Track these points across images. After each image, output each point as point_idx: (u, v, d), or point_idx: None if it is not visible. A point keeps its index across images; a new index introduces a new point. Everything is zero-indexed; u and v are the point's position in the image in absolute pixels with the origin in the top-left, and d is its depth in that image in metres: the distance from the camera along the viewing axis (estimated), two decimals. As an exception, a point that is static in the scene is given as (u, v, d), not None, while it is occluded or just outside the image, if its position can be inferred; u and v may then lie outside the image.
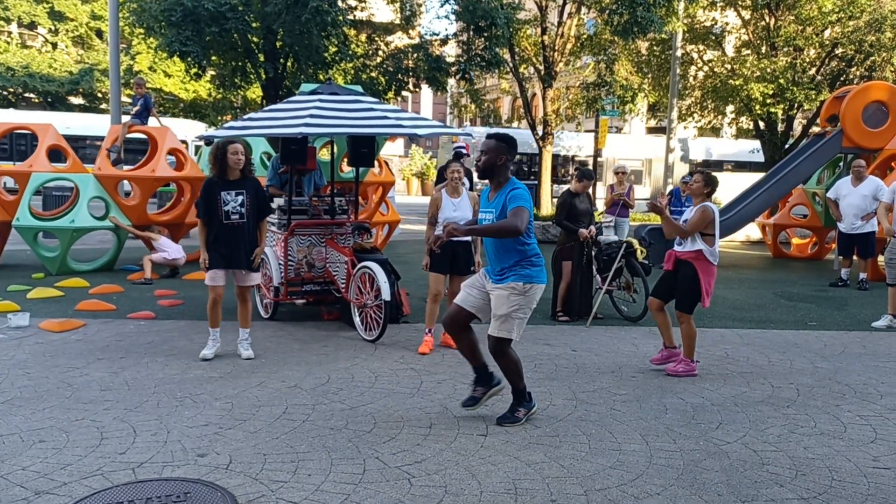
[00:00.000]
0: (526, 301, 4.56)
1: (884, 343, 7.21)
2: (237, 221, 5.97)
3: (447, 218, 6.39)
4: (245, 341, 6.18)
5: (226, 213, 5.93)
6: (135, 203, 10.88)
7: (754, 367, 6.24)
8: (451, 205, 6.48)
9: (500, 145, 4.55)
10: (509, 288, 4.53)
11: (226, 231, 5.96)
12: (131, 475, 3.77)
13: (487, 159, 4.56)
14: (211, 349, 6.05)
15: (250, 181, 6.08)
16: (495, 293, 4.58)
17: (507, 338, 4.59)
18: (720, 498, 3.66)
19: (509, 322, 4.55)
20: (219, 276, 6.00)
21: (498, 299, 4.56)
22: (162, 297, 8.62)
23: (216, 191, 5.93)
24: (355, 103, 7.14)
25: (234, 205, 5.95)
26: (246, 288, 6.18)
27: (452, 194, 6.53)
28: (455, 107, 25.45)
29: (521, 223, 4.34)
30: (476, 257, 6.64)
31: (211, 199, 5.93)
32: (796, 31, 17.41)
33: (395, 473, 3.86)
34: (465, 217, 6.47)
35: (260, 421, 4.60)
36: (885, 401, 5.33)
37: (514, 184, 4.54)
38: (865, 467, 4.09)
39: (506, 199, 4.47)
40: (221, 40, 14.29)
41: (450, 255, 6.45)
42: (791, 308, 9.00)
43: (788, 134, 19.43)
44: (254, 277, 6.20)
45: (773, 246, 14.53)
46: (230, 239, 5.97)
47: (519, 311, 4.55)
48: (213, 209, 5.93)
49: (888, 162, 12.17)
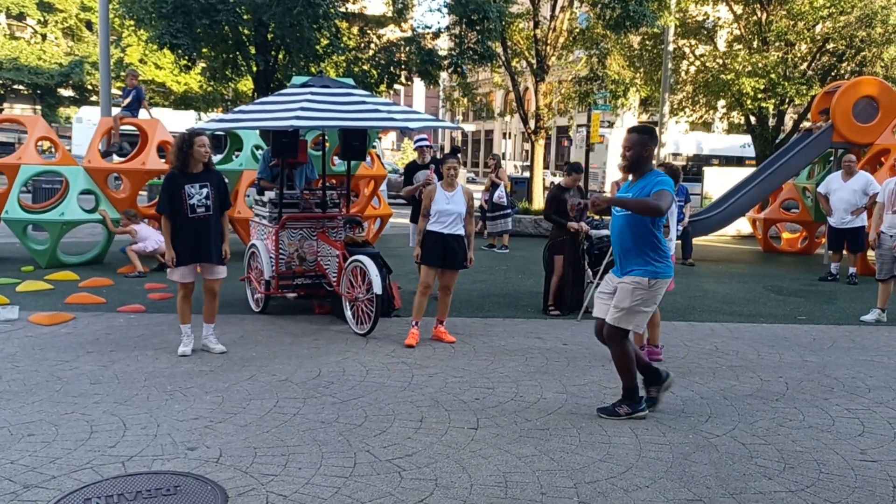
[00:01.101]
0: (650, 295, 4.59)
1: (872, 337, 7.26)
2: (203, 214, 5.84)
3: (439, 210, 6.43)
4: (212, 336, 6.10)
5: (191, 206, 5.79)
6: (125, 196, 10.82)
7: (743, 360, 6.27)
8: (445, 198, 6.48)
9: (643, 137, 4.59)
10: (634, 282, 4.55)
11: (192, 225, 5.82)
12: (121, 469, 3.76)
13: (634, 153, 4.58)
14: (188, 345, 5.98)
15: (213, 173, 5.96)
16: (620, 286, 4.61)
17: (625, 328, 4.60)
18: (709, 491, 3.68)
19: (632, 315, 4.58)
20: (189, 272, 5.92)
21: (622, 292, 4.59)
22: (152, 290, 8.59)
23: (179, 184, 5.78)
24: (347, 96, 7.12)
25: (200, 198, 5.82)
26: (214, 281, 6.06)
27: (447, 188, 6.55)
28: (447, 100, 25.39)
29: (664, 205, 4.37)
30: (469, 253, 6.63)
31: (174, 193, 5.78)
32: (788, 25, 17.43)
33: (385, 467, 3.87)
34: (458, 211, 6.49)
35: (250, 414, 4.60)
36: (873, 394, 5.37)
37: (659, 174, 4.59)
38: (853, 460, 4.12)
39: (650, 187, 4.49)
40: (212, 32, 14.19)
41: (443, 248, 6.45)
42: (781, 302, 9.04)
43: (779, 129, 19.46)
44: (220, 271, 6.06)
45: (763, 240, 14.59)
46: (197, 233, 5.84)
47: (643, 305, 4.58)
48: (177, 203, 5.79)
49: (878, 157, 12.23)
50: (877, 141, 12.17)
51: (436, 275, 6.60)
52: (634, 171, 4.62)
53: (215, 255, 5.96)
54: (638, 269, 4.55)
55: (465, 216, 6.55)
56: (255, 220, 7.99)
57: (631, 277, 4.56)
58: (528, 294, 8.98)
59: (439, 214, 6.45)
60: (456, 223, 6.49)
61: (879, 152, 12.16)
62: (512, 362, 5.99)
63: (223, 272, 6.12)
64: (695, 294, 9.39)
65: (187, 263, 5.90)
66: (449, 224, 6.46)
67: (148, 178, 11.30)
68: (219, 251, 5.99)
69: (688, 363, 6.09)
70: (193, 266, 5.95)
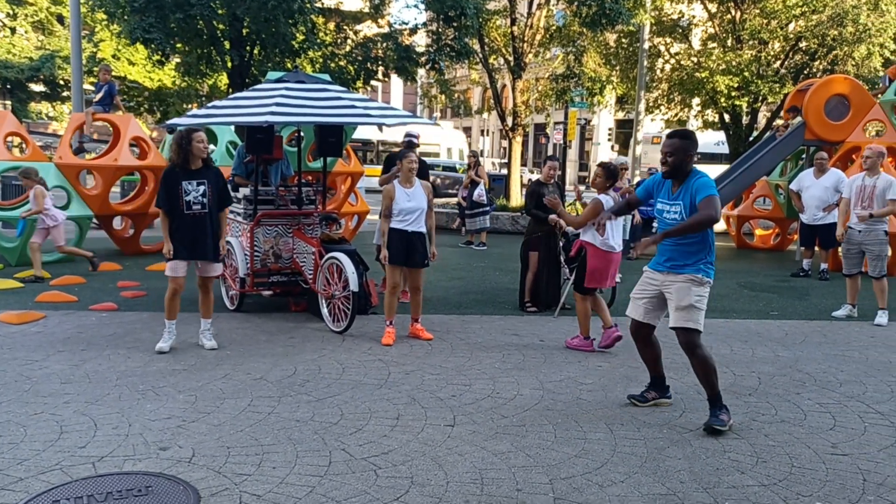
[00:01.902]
0: (706, 292, 4.53)
1: (843, 332, 7.37)
2: (199, 212, 5.86)
3: (402, 209, 6.34)
4: (207, 331, 6.10)
5: (187, 203, 5.81)
6: (97, 192, 10.67)
7: (717, 355, 6.31)
8: (405, 195, 6.40)
9: (684, 143, 4.49)
10: (690, 280, 4.48)
11: (188, 221, 5.84)
12: (91, 469, 3.70)
13: (675, 159, 4.49)
14: (167, 341, 5.93)
15: (212, 170, 5.98)
16: (676, 285, 4.51)
17: (696, 329, 4.49)
18: (682, 485, 3.71)
19: (694, 312, 4.47)
20: (181, 267, 5.91)
21: (680, 291, 4.49)
22: (124, 288, 8.48)
23: (177, 180, 5.80)
24: (322, 92, 7.07)
25: (196, 195, 5.84)
26: (208, 278, 6.09)
27: (405, 184, 6.45)
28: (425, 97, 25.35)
29: (716, 211, 4.35)
30: (431, 247, 6.58)
31: (172, 188, 5.80)
32: (761, 24, 17.62)
33: (361, 465, 3.84)
34: (420, 207, 6.40)
35: (224, 413, 4.55)
36: (844, 388, 5.44)
37: (697, 173, 4.52)
38: (824, 454, 4.17)
39: (693, 190, 4.43)
40: (186, 27, 14.04)
41: (406, 246, 6.40)
42: (754, 298, 9.14)
43: (753, 126, 19.69)
44: (217, 268, 6.12)
45: (736, 237, 14.74)
46: (193, 229, 5.87)
47: (701, 302, 4.50)
48: (174, 199, 5.81)
49: (849, 154, 12.41)
50: (848, 138, 12.35)
51: (402, 273, 6.56)
52: (675, 176, 4.54)
53: (211, 253, 5.97)
54: (692, 268, 4.49)
55: (427, 211, 6.50)
56: (230, 217, 7.90)
57: (686, 274, 4.49)
58: (506, 291, 8.99)
59: (402, 213, 6.36)
60: (419, 220, 6.42)
61: (851, 150, 12.34)
62: (489, 359, 5.99)
63: (219, 269, 6.17)
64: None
65: (183, 259, 5.88)
66: (412, 221, 6.39)
67: (120, 174, 11.15)
68: (216, 248, 6.00)
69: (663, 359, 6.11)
70: (186, 262, 5.93)
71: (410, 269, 6.55)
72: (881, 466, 4.01)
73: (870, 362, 6.21)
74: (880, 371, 5.94)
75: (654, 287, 4.67)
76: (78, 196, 10.37)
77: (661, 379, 4.97)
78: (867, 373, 5.88)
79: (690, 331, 4.49)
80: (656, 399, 4.95)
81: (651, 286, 4.69)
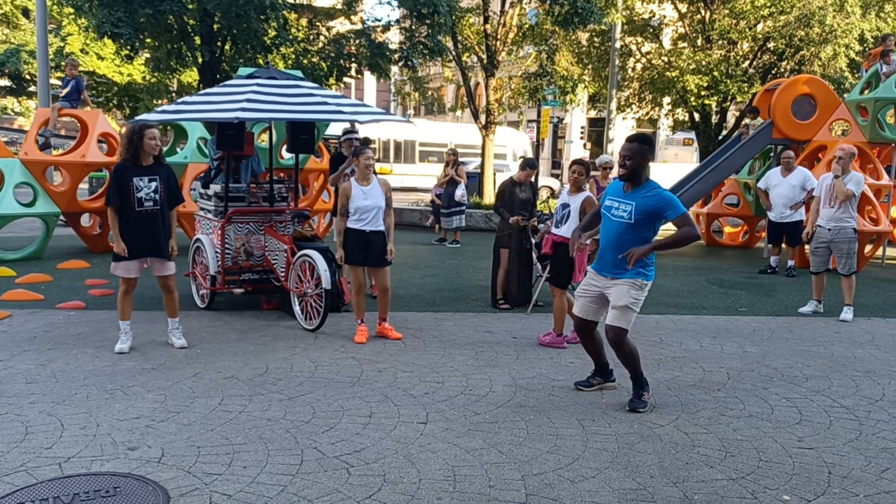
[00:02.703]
0: (643, 296, 4.78)
1: (809, 328, 7.50)
2: (150, 209, 5.71)
3: (359, 207, 6.26)
4: (176, 330, 6.02)
5: (139, 199, 5.66)
6: (64, 189, 10.49)
7: (687, 351, 6.41)
8: (362, 193, 6.31)
9: (643, 147, 4.67)
10: (630, 283, 4.72)
11: (139, 219, 5.68)
12: (57, 470, 3.64)
13: (633, 163, 4.65)
14: (125, 342, 5.82)
15: (163, 167, 5.83)
16: (616, 287, 4.76)
17: (626, 328, 4.77)
18: (653, 480, 3.75)
19: (628, 313, 4.75)
20: (133, 267, 5.76)
21: (619, 291, 4.73)
22: (93, 286, 8.35)
23: (128, 176, 5.65)
24: (294, 88, 7.01)
25: (148, 191, 5.69)
26: (166, 277, 5.94)
27: (362, 182, 6.35)
28: (398, 94, 25.29)
29: (697, 229, 4.67)
30: (389, 244, 6.47)
31: (122, 185, 5.64)
32: (730, 24, 17.86)
33: (333, 463, 3.83)
34: (378, 205, 6.32)
35: (194, 413, 4.50)
36: (810, 383, 5.54)
37: (655, 185, 4.72)
38: (791, 448, 4.25)
39: (653, 198, 4.62)
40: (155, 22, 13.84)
41: (365, 246, 6.33)
42: (722, 294, 9.27)
43: (722, 125, 19.96)
44: (170, 266, 5.93)
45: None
46: (145, 227, 5.71)
47: (636, 304, 4.75)
48: (124, 196, 5.65)
49: (816, 153, 12.62)
50: (814, 137, 12.57)
51: (364, 273, 6.52)
52: (632, 180, 4.70)
53: (162, 250, 5.83)
54: (633, 272, 4.71)
55: (385, 209, 6.42)
56: (200, 214, 7.83)
57: (626, 279, 4.72)
58: (479, 288, 9.01)
59: (359, 211, 6.27)
60: (376, 219, 6.32)
61: (817, 149, 12.56)
62: (462, 356, 6.00)
63: (172, 268, 6.00)
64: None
65: (134, 258, 5.75)
66: (370, 220, 6.29)
67: (88, 170, 10.98)
68: (166, 246, 5.85)
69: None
70: (139, 261, 5.80)
71: (374, 269, 6.48)
72: (846, 459, 4.09)
73: (835, 357, 6.34)
74: (845, 366, 6.06)
75: (597, 288, 4.90)
76: (44, 193, 10.18)
77: (605, 365, 5.23)
78: (832, 368, 6.00)
79: (620, 329, 4.77)
80: (601, 384, 5.21)
81: (594, 287, 4.92)
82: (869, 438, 4.42)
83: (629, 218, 4.67)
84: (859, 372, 5.89)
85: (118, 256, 5.72)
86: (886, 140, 12.11)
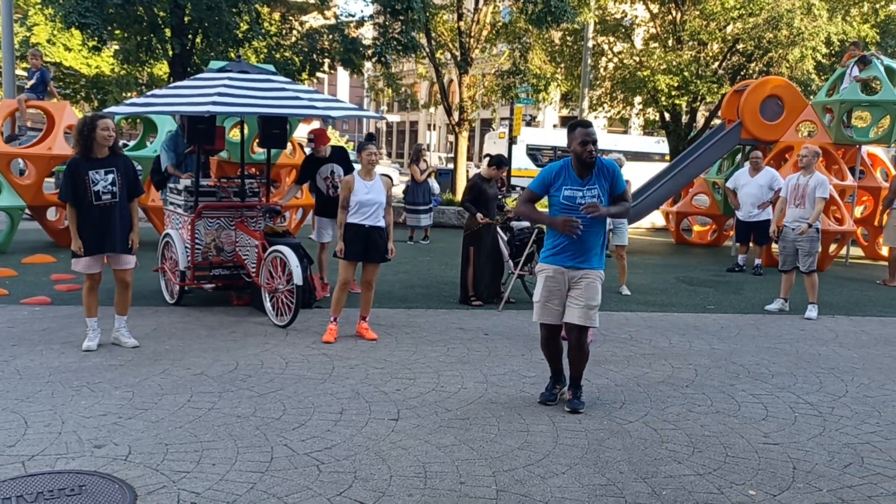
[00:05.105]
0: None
1: (775, 325, 7.63)
2: (109, 202, 5.57)
3: (360, 202, 6.24)
4: (123, 328, 5.88)
5: (96, 193, 5.51)
6: (30, 182, 10.28)
7: (656, 348, 6.49)
8: (364, 187, 6.30)
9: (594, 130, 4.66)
10: (599, 277, 4.66)
11: (97, 213, 5.55)
12: (21, 469, 3.57)
13: (596, 147, 4.60)
14: (93, 339, 5.71)
15: (120, 158, 5.70)
16: (586, 282, 4.61)
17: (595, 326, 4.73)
18: (622, 475, 3.79)
19: (596, 310, 4.66)
20: (94, 262, 5.65)
21: (590, 289, 4.61)
22: (59, 281, 8.20)
23: (83, 171, 5.50)
24: (266, 82, 6.95)
25: (105, 184, 5.54)
26: (124, 272, 5.81)
27: (366, 177, 6.38)
28: (372, 90, 25.18)
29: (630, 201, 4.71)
30: (389, 244, 6.53)
31: (78, 179, 5.49)
32: (701, 26, 18.07)
33: (303, 460, 3.81)
34: (379, 201, 6.33)
35: (162, 410, 4.45)
36: (776, 380, 5.64)
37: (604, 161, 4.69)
38: (757, 443, 4.32)
39: (610, 174, 4.63)
40: (124, 13, 13.61)
41: (364, 241, 6.30)
42: (691, 292, 9.39)
43: (692, 125, 20.20)
44: (129, 260, 5.81)
45: (675, 233, 15.11)
46: (103, 221, 5.57)
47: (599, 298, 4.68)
48: (80, 191, 5.50)
49: (783, 153, 12.84)
50: (782, 138, 12.78)
51: (355, 270, 6.49)
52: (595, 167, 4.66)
53: (121, 245, 5.68)
54: (599, 262, 4.67)
55: (385, 206, 6.43)
56: (170, 209, 7.72)
57: (597, 270, 4.67)
58: (451, 285, 9.02)
59: (360, 205, 6.25)
60: (377, 214, 6.31)
61: (784, 149, 12.77)
62: (433, 353, 6.01)
63: (132, 262, 5.86)
64: (610, 284, 9.62)
65: (93, 253, 5.62)
66: (370, 215, 6.27)
67: (54, 163, 10.76)
68: (125, 240, 5.71)
69: (603, 352, 6.25)
70: (100, 256, 5.68)
71: (367, 265, 6.44)
72: (810, 455, 4.17)
73: (800, 354, 6.45)
74: (809, 363, 6.18)
75: (563, 285, 4.67)
76: (9, 186, 9.97)
77: (562, 369, 5.00)
78: (797, 365, 6.11)
79: (589, 328, 4.73)
80: (562, 391, 4.98)
81: (559, 286, 4.67)
82: (832, 434, 4.51)
83: (599, 201, 4.57)
84: (823, 369, 6.01)
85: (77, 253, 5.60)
86: (851, 141, 12.37)
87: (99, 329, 5.79)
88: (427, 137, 49.24)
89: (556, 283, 4.68)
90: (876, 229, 12.94)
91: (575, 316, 4.62)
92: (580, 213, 4.52)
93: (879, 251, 13.13)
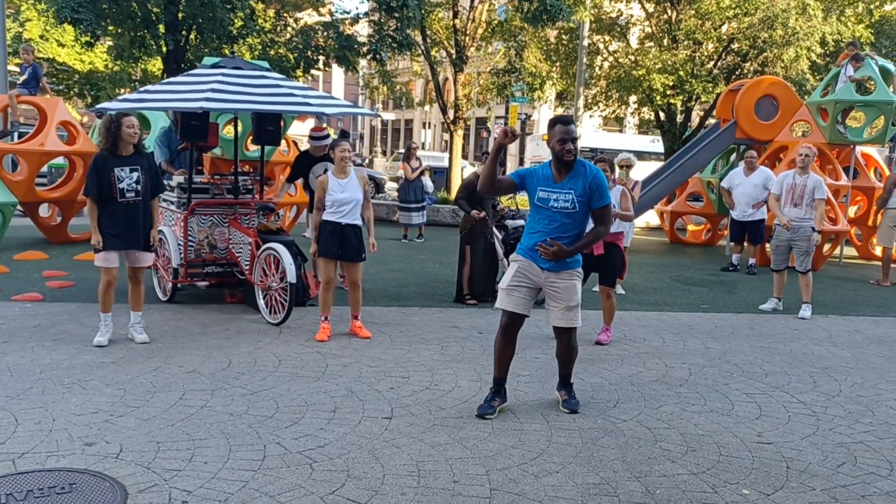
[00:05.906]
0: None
1: (769, 325, 7.64)
2: (133, 199, 5.66)
3: (335, 200, 6.18)
4: (138, 325, 5.91)
5: (121, 190, 5.60)
6: (22, 178, 10.22)
7: (650, 347, 6.48)
8: (339, 186, 6.22)
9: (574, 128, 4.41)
10: (576, 275, 4.54)
11: (121, 210, 5.64)
12: (10, 466, 3.54)
13: (575, 145, 4.38)
14: (105, 335, 5.73)
15: (144, 156, 5.80)
16: (563, 282, 4.49)
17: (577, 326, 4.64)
18: (615, 474, 3.78)
19: (579, 309, 4.58)
20: (113, 258, 5.69)
21: (568, 290, 4.50)
22: (51, 277, 8.15)
23: (109, 167, 5.59)
24: (260, 79, 6.92)
25: (130, 182, 5.63)
26: (139, 269, 5.90)
27: (339, 175, 6.28)
28: (366, 88, 25.14)
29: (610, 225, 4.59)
30: (371, 238, 6.43)
31: (103, 175, 5.59)
32: (696, 25, 18.08)
33: (296, 459, 3.79)
34: (355, 198, 6.23)
35: (154, 408, 4.42)
36: (770, 379, 5.64)
37: (586, 162, 4.46)
38: (750, 442, 4.32)
39: (589, 181, 4.36)
40: (118, 8, 13.55)
41: (340, 239, 6.22)
42: (685, 291, 9.39)
43: (686, 125, 20.21)
44: (148, 258, 5.92)
45: (670, 232, 15.12)
46: (127, 218, 5.66)
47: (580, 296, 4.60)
48: (106, 187, 5.59)
49: (778, 153, 12.86)
50: (776, 138, 12.80)
51: (336, 268, 6.44)
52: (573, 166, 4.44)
53: (143, 242, 5.78)
54: (574, 261, 4.52)
55: (363, 202, 6.35)
56: (163, 206, 7.68)
57: (572, 270, 4.52)
58: (445, 283, 9.00)
59: (336, 204, 6.18)
60: (353, 212, 6.23)
61: (779, 149, 12.79)
62: (427, 351, 5.99)
63: (150, 259, 5.97)
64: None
65: (116, 249, 5.67)
66: (346, 213, 6.20)
67: (46, 159, 10.71)
68: (147, 237, 5.81)
69: (597, 350, 6.24)
70: (119, 252, 5.73)
71: (346, 264, 6.38)
72: (804, 454, 4.17)
73: (794, 354, 6.46)
74: (803, 362, 6.19)
75: (535, 280, 4.53)
76: (1, 182, 9.91)
77: (504, 380, 4.72)
78: (791, 364, 6.11)
79: (576, 328, 4.65)
80: (501, 404, 4.64)
81: (530, 279, 4.52)
82: (826, 433, 4.52)
83: (573, 207, 4.38)
84: (817, 368, 6.02)
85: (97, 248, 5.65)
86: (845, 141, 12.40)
87: (112, 325, 5.79)
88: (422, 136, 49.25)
89: (525, 275, 4.52)
90: (870, 229, 12.99)
91: (556, 319, 4.58)
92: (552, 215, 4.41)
93: (873, 251, 13.17)
